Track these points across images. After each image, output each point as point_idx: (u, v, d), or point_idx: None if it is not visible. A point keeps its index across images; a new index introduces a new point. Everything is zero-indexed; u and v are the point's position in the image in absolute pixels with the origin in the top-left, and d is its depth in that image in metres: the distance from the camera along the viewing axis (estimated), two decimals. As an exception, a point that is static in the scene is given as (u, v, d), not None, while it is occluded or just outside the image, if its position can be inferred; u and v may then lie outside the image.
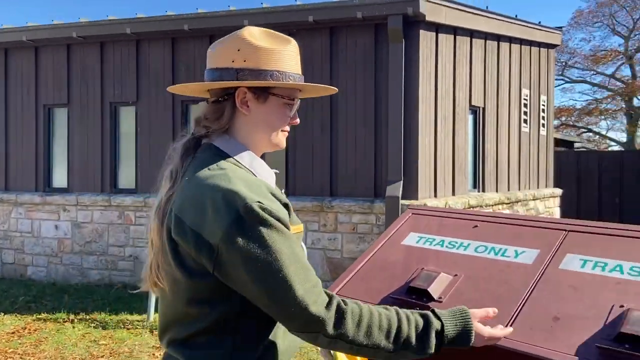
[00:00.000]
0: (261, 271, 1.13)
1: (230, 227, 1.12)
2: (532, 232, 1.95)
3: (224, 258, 1.14)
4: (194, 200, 1.18)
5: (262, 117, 1.32)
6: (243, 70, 1.28)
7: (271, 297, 1.15)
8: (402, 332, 1.23)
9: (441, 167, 7.26)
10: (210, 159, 1.27)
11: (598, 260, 1.70)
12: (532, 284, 1.71)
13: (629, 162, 15.33)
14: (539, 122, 10.18)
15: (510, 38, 8.92)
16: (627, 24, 24.65)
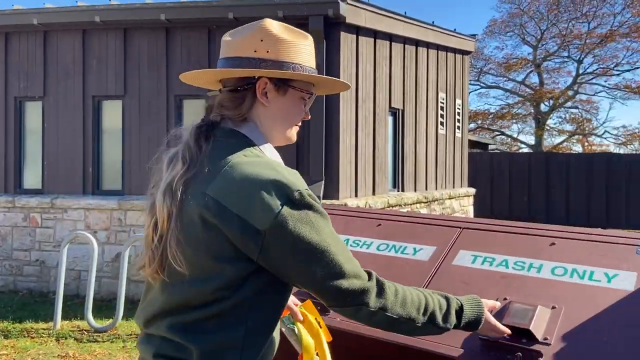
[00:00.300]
0: (313, 252, 1.17)
1: (280, 213, 1.14)
2: (430, 230, 2.03)
3: (272, 244, 1.15)
4: (239, 187, 1.16)
5: (281, 109, 1.32)
6: (266, 61, 1.28)
7: (324, 275, 1.18)
8: (429, 307, 1.29)
9: (362, 167, 7.41)
10: (242, 145, 1.26)
11: (487, 256, 1.79)
12: (427, 280, 1.77)
13: (536, 164, 16.41)
14: (455, 124, 10.65)
15: (428, 43, 9.27)
16: (535, 34, 26.41)
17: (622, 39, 24.76)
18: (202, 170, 1.21)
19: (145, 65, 7.14)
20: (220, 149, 1.24)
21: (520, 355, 1.39)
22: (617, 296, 1.49)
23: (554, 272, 1.64)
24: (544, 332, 1.43)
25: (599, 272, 1.59)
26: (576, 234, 1.78)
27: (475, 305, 1.35)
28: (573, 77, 26.24)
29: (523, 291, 1.60)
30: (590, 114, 26.98)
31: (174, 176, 1.22)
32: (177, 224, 1.18)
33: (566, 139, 27.66)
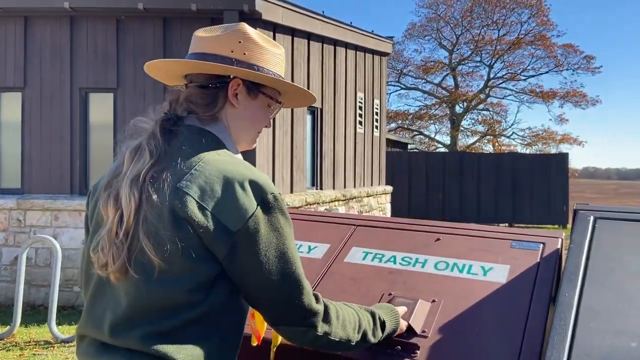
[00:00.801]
0: (279, 262, 1.15)
1: (255, 215, 1.12)
2: (326, 228, 2.04)
3: (240, 246, 1.12)
4: (214, 184, 1.13)
5: (249, 114, 1.31)
6: (241, 63, 1.26)
7: (283, 284, 1.16)
8: (362, 325, 1.31)
9: (279, 165, 7.40)
10: (213, 144, 1.23)
11: (377, 252, 1.83)
12: (319, 278, 1.78)
13: (450, 163, 17.21)
14: (373, 124, 10.92)
15: (346, 44, 9.42)
16: (451, 39, 27.68)
17: (527, 46, 26.53)
18: (171, 165, 1.16)
19: (47, 56, 6.71)
20: (190, 145, 1.20)
21: (399, 348, 1.43)
22: (491, 288, 1.57)
23: (436, 266, 1.70)
24: (422, 326, 1.48)
25: (476, 266, 1.67)
26: (460, 229, 1.86)
27: (392, 316, 1.41)
28: (485, 81, 27.79)
29: (408, 286, 1.65)
30: (500, 116, 28.72)
31: (140, 169, 1.16)
32: (146, 218, 1.12)
33: (479, 139, 29.22)
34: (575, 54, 26.20)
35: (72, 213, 6.50)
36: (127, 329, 1.12)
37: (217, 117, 1.27)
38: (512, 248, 1.71)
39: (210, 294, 1.13)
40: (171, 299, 1.11)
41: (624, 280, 1.33)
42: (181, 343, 1.11)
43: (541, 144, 27.66)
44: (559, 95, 26.67)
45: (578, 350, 1.17)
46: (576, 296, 1.30)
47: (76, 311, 6.34)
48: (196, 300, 1.12)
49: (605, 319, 1.23)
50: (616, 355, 1.14)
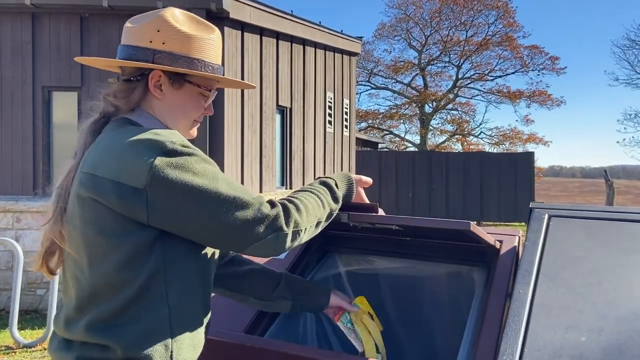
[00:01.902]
0: (204, 194, 1.09)
1: (154, 165, 1.07)
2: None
3: (157, 199, 1.07)
4: (109, 153, 1.11)
5: (176, 103, 1.27)
6: (160, 53, 1.22)
7: (224, 214, 1.10)
8: (323, 201, 1.29)
9: (248, 164, 7.35)
10: (121, 124, 1.21)
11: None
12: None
13: (419, 162, 17.42)
14: (343, 123, 10.96)
15: (315, 43, 9.42)
16: (420, 40, 27.99)
17: (495, 47, 27.04)
18: (85, 156, 1.18)
19: (8, 54, 6.50)
20: (105, 136, 1.20)
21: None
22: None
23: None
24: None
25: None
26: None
27: (346, 180, 1.42)
28: (453, 81, 28.19)
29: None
30: (469, 116, 29.18)
31: (65, 174, 1.20)
32: (66, 213, 1.16)
33: (447, 138, 29.65)
34: (541, 54, 26.83)
35: (35, 215, 6.32)
36: (76, 320, 1.14)
37: (139, 108, 1.26)
38: (471, 246, 1.74)
39: (144, 266, 1.11)
40: (106, 283, 1.11)
41: (576, 276, 1.37)
42: (122, 325, 1.10)
43: (508, 144, 28.22)
44: (525, 95, 27.26)
45: (530, 345, 1.20)
46: (530, 292, 1.33)
47: (39, 315, 6.18)
48: (128, 278, 1.10)
49: (557, 314, 1.26)
50: (567, 349, 1.17)
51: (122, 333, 1.09)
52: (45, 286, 6.32)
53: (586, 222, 1.56)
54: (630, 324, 1.20)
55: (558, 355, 1.16)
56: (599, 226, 1.52)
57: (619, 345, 1.15)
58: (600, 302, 1.27)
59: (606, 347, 1.15)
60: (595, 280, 1.33)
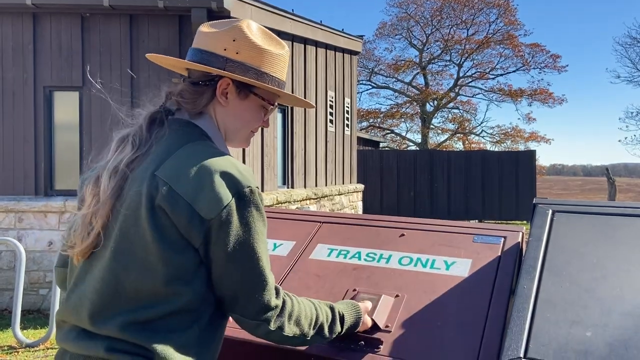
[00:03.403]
0: (247, 255, 1.15)
1: (229, 205, 1.12)
2: (292, 226, 2.03)
3: (214, 235, 1.12)
4: (190, 172, 1.14)
5: (239, 113, 1.31)
6: (233, 62, 1.26)
7: (246, 278, 1.16)
8: (318, 321, 1.30)
9: (250, 163, 7.35)
10: (197, 135, 1.24)
11: (342, 249, 1.83)
12: (284, 275, 1.77)
13: (421, 161, 17.39)
14: (344, 122, 10.94)
15: (316, 42, 9.41)
16: (421, 38, 27.97)
17: (496, 45, 27.01)
18: (151, 155, 1.19)
19: (9, 54, 6.51)
20: (173, 136, 1.22)
21: (362, 343, 1.44)
22: (453, 282, 1.59)
23: (400, 262, 1.72)
24: (386, 320, 1.49)
25: (439, 260, 1.68)
26: (423, 225, 1.88)
27: (353, 310, 1.41)
28: (454, 79, 28.17)
29: (372, 282, 1.66)
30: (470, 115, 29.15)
31: (121, 159, 1.20)
32: (123, 206, 1.15)
33: (449, 137, 29.60)
34: (542, 53, 26.79)
35: (37, 214, 6.33)
36: (107, 316, 1.13)
37: (204, 113, 1.29)
38: (475, 242, 1.73)
39: (190, 285, 1.14)
40: (149, 289, 1.13)
41: (580, 271, 1.36)
42: (160, 333, 1.12)
43: (510, 142, 28.18)
44: (526, 93, 27.23)
45: (535, 341, 1.19)
46: (534, 288, 1.33)
47: (42, 315, 6.18)
48: (175, 292, 1.13)
49: (562, 309, 1.26)
50: (572, 344, 1.17)
51: (161, 340, 1.11)
52: (47, 286, 6.33)
53: (590, 217, 1.55)
54: (636, 319, 1.20)
55: (563, 351, 1.15)
56: (603, 221, 1.51)
57: (625, 341, 1.15)
58: (606, 297, 1.26)
59: (612, 343, 1.15)
60: (600, 275, 1.32)
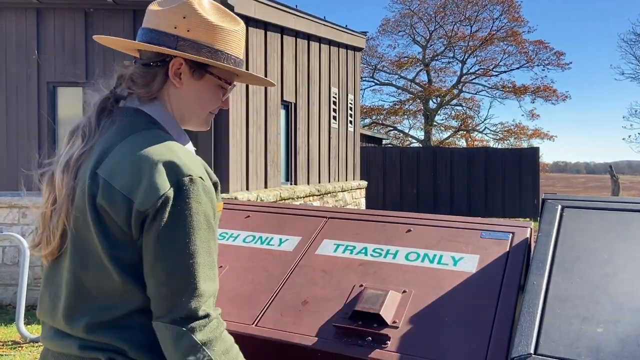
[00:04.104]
0: (173, 250, 1.05)
1: (165, 196, 1.05)
2: (298, 221, 2.02)
3: (146, 227, 1.06)
4: (129, 166, 1.08)
5: (194, 94, 1.23)
6: (184, 40, 1.18)
7: (171, 277, 1.05)
8: None
9: (253, 160, 7.33)
10: (142, 124, 1.17)
11: (348, 244, 1.82)
12: (290, 271, 1.76)
13: (424, 158, 17.35)
14: (347, 119, 10.92)
15: (320, 38, 9.38)
16: (424, 35, 27.87)
17: (500, 42, 26.90)
18: (96, 149, 1.14)
19: (13, 49, 6.50)
20: (118, 127, 1.17)
21: (370, 339, 1.42)
22: (460, 278, 1.57)
23: (407, 257, 1.70)
24: (393, 316, 1.48)
25: (446, 256, 1.67)
26: (430, 220, 1.86)
27: None
28: (458, 76, 28.07)
29: (379, 277, 1.65)
30: (473, 112, 29.06)
31: (72, 154, 1.16)
32: (74, 205, 1.12)
33: (452, 134, 29.53)
34: (546, 50, 26.68)
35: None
36: (76, 318, 1.12)
37: (156, 97, 1.22)
38: (482, 238, 1.72)
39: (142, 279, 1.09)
40: (109, 289, 1.10)
41: (591, 267, 1.35)
42: (127, 331, 1.09)
43: (513, 139, 28.10)
44: (530, 90, 27.12)
45: (546, 337, 1.18)
46: (544, 284, 1.31)
47: (45, 311, 6.19)
48: (134, 290, 1.09)
49: (572, 305, 1.24)
50: (583, 341, 1.15)
51: (132, 337, 1.09)
52: (51, 281, 6.33)
53: (600, 212, 1.53)
54: (647, 315, 1.18)
55: (574, 347, 1.14)
56: (613, 217, 1.50)
57: (637, 337, 1.13)
58: (617, 293, 1.24)
59: (623, 339, 1.13)
60: (611, 272, 1.31)
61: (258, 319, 1.58)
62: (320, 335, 1.47)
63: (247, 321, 1.58)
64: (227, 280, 1.76)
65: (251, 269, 1.80)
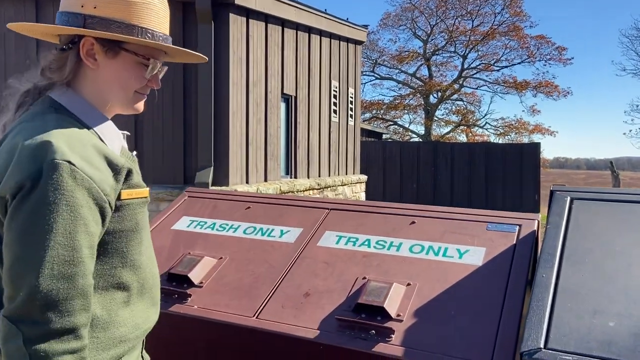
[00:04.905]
0: (20, 237, 0.96)
1: (24, 180, 0.97)
2: (299, 212, 1.98)
3: (8, 212, 0.98)
4: (6, 152, 1.04)
5: (112, 74, 1.16)
6: (92, 18, 1.12)
7: (12, 267, 0.96)
8: None
9: (253, 153, 7.29)
10: (42, 110, 1.10)
11: (351, 236, 1.78)
12: (291, 262, 1.72)
13: (424, 153, 17.30)
14: (348, 113, 10.86)
15: (321, 31, 9.31)
16: (425, 29, 27.75)
17: (501, 37, 26.78)
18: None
19: (12, 40, 6.44)
20: (23, 118, 1.11)
21: (373, 332, 1.39)
22: (466, 271, 1.54)
23: (411, 250, 1.67)
24: (397, 309, 1.44)
25: (451, 249, 1.63)
26: (435, 212, 1.82)
27: None
28: (459, 71, 27.97)
29: (382, 269, 1.61)
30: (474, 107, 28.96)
31: None
32: None
33: (452, 129, 29.46)
34: (548, 45, 26.56)
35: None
36: None
37: (71, 82, 1.16)
38: (488, 230, 1.68)
39: None
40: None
41: (602, 259, 1.31)
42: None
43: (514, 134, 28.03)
44: (531, 86, 27.03)
45: (556, 331, 1.14)
46: (554, 276, 1.28)
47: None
48: None
49: (583, 299, 1.21)
50: (594, 334, 1.12)
51: None
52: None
53: (610, 204, 1.49)
54: (660, 309, 1.15)
55: (585, 341, 1.10)
56: (624, 209, 1.46)
57: (650, 331, 1.10)
58: (630, 286, 1.21)
59: (637, 333, 1.10)
60: (624, 264, 1.27)
61: (259, 311, 1.55)
62: (322, 328, 1.44)
63: (247, 313, 1.54)
64: (227, 272, 1.72)
65: (252, 261, 1.76)
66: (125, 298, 1.11)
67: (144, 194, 1.15)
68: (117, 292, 1.09)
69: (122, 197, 1.08)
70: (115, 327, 1.08)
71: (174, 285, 1.68)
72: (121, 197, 1.08)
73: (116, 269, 1.09)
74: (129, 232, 1.10)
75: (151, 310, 1.17)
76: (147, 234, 1.19)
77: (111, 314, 1.08)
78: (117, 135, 1.18)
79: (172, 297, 1.64)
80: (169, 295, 1.64)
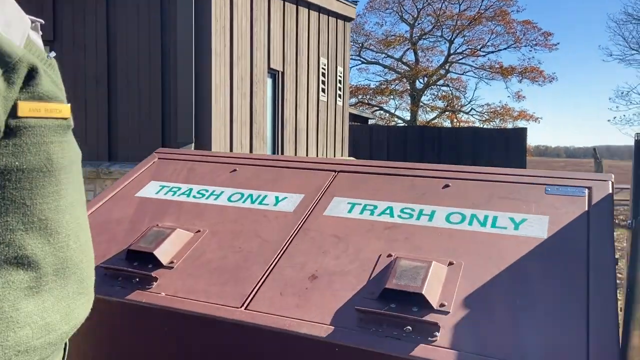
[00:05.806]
0: None
1: None
2: (298, 175, 1.58)
3: None
4: None
5: None
6: None
7: None
8: None
9: (237, 131, 6.84)
10: None
11: (367, 203, 1.38)
12: (290, 237, 1.32)
13: (411, 136, 17.00)
14: (336, 92, 10.43)
15: (309, 4, 8.84)
16: (412, 12, 27.29)
17: (488, 22, 26.46)
18: None
19: None
20: None
21: (410, 329, 1.00)
22: (527, 246, 1.15)
23: (448, 219, 1.28)
24: (440, 297, 1.05)
25: (503, 217, 1.25)
26: (474, 174, 1.43)
27: None
28: (445, 56, 27.62)
29: (412, 244, 1.22)
30: (459, 92, 28.71)
31: None
32: None
33: (438, 115, 29.20)
34: (534, 30, 26.33)
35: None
36: None
37: None
38: (548, 194, 1.29)
39: None
40: None
41: None
42: None
43: (498, 120, 27.87)
44: (516, 71, 26.83)
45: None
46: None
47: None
48: None
49: None
50: None
51: None
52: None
53: None
54: None
55: None
56: None
57: None
58: None
59: None
60: None
61: (249, 300, 1.15)
62: (337, 323, 1.04)
63: (233, 303, 1.14)
64: (206, 248, 1.32)
65: (239, 234, 1.36)
66: (31, 281, 0.68)
67: (60, 113, 0.71)
68: (15, 271, 0.67)
69: (20, 113, 0.65)
70: (11, 328, 0.66)
71: (135, 265, 1.27)
72: (18, 113, 0.65)
73: (13, 232, 0.67)
74: (35, 173, 0.67)
75: (77, 301, 0.75)
76: (76, 185, 0.77)
77: (4, 308, 0.66)
78: (20, 18, 0.75)
79: (131, 281, 1.23)
80: (128, 279, 1.23)
